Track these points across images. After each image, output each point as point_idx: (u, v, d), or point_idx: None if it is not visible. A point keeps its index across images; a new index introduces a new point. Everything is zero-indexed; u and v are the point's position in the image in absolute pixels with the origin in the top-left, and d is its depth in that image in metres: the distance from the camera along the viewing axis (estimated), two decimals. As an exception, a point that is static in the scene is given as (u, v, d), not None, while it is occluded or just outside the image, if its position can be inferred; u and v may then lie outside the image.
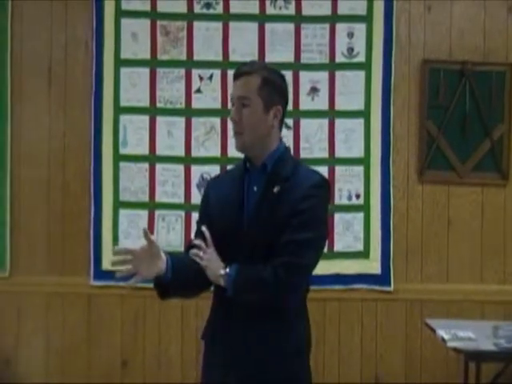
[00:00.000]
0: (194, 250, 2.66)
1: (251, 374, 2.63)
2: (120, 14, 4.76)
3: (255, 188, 2.72)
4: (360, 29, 4.74)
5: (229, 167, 3.01)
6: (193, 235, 2.89)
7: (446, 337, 3.88)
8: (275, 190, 2.66)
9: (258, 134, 2.70)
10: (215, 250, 2.66)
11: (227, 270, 2.61)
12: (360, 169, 4.73)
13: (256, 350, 2.62)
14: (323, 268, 4.58)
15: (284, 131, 4.59)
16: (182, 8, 4.75)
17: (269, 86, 2.69)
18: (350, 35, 4.74)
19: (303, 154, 4.70)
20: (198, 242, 2.67)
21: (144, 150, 4.76)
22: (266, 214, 2.64)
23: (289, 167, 2.72)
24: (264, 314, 2.61)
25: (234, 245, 2.66)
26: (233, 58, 4.71)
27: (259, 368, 2.63)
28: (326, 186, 2.74)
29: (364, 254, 4.71)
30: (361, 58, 4.74)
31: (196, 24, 4.77)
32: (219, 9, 4.76)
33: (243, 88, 2.69)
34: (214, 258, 2.65)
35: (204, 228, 2.68)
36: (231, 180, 2.81)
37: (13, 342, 4.75)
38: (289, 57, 4.73)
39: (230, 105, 2.79)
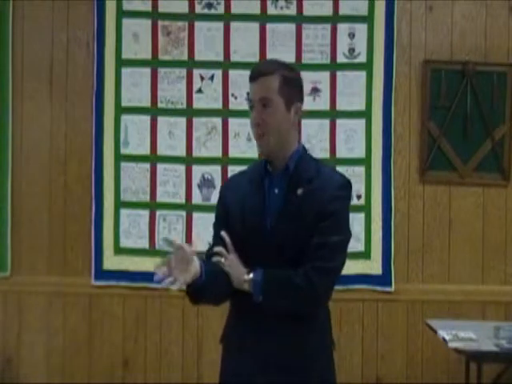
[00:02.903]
0: (216, 257, 2.63)
1: (281, 379, 2.59)
2: (121, 14, 4.77)
3: (276, 190, 2.67)
4: (361, 29, 4.74)
5: (240, 169, 2.93)
6: (211, 239, 2.80)
7: (447, 337, 3.88)
8: (299, 192, 2.62)
9: (282, 134, 2.65)
10: (237, 255, 2.63)
11: (251, 275, 2.57)
12: (361, 169, 4.73)
13: (288, 356, 2.59)
14: (324, 268, 4.67)
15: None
16: (184, 8, 4.76)
17: (289, 85, 2.65)
18: (352, 35, 4.74)
19: (304, 155, 4.70)
20: (218, 248, 2.64)
21: (145, 150, 4.76)
22: (292, 216, 2.60)
23: (311, 168, 2.68)
24: (292, 317, 2.58)
25: (258, 249, 2.62)
26: (234, 58, 4.71)
27: (289, 372, 2.60)
28: (349, 187, 2.69)
29: (365, 254, 4.71)
30: (362, 59, 4.74)
31: (197, 24, 4.77)
32: (220, 9, 4.76)
33: (263, 89, 2.63)
34: (236, 263, 2.62)
35: (223, 233, 2.65)
36: (249, 182, 2.76)
37: (14, 341, 4.76)
38: (290, 57, 4.71)
39: (248, 108, 2.72)
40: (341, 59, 4.75)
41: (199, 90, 4.76)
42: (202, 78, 4.74)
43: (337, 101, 4.74)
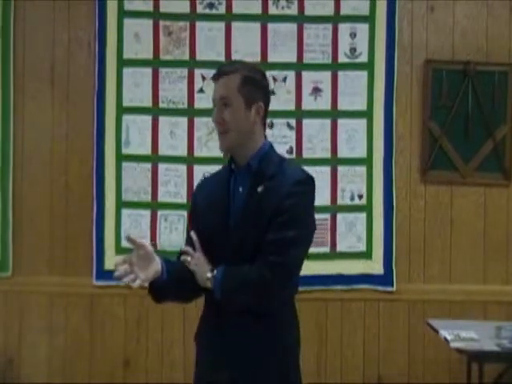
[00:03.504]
0: (183, 256, 2.70)
1: (241, 373, 2.63)
2: (122, 14, 4.76)
3: (241, 189, 2.71)
4: (363, 29, 4.74)
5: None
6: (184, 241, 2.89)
7: (448, 337, 3.88)
8: (259, 189, 2.65)
9: (243, 132, 2.69)
10: (203, 254, 2.68)
11: (214, 272, 2.62)
12: (363, 169, 4.73)
13: (246, 350, 2.62)
14: (326, 268, 4.68)
15: (287, 131, 4.72)
16: (185, 8, 4.76)
17: (249, 84, 2.70)
18: (353, 35, 4.74)
19: (306, 154, 4.71)
20: (185, 248, 2.73)
21: (146, 149, 4.76)
22: (252, 214, 2.64)
23: (273, 165, 2.71)
24: (253, 313, 2.62)
25: (222, 247, 2.66)
26: (235, 57, 4.69)
27: (249, 367, 2.63)
28: (309, 183, 2.70)
29: (366, 254, 4.71)
30: (363, 59, 4.74)
31: (198, 24, 4.77)
32: (222, 9, 4.76)
33: (223, 88, 2.70)
34: (202, 262, 2.67)
35: (192, 233, 2.72)
36: (217, 182, 2.81)
37: (15, 341, 4.75)
38: (291, 57, 4.73)
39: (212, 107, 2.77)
40: (342, 59, 4.75)
41: (200, 90, 4.76)
42: (204, 78, 4.74)
43: (338, 101, 4.74)
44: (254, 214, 2.63)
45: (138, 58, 4.77)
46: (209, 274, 2.63)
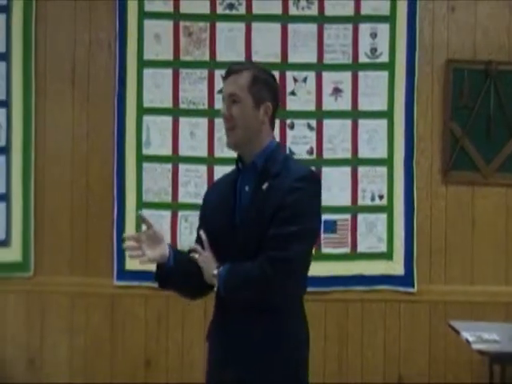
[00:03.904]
0: (192, 254, 2.77)
1: (246, 370, 2.65)
2: (143, 15, 4.78)
3: (247, 188, 2.75)
4: (383, 29, 4.73)
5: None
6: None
7: (470, 339, 3.86)
8: (264, 187, 2.68)
9: (250, 130, 2.73)
10: (211, 253, 2.74)
11: (220, 269, 2.67)
12: (383, 169, 4.71)
13: (250, 346, 2.64)
14: (346, 269, 4.67)
15: (307, 132, 4.71)
16: (205, 9, 4.76)
17: (258, 83, 2.74)
18: (373, 35, 4.73)
19: (326, 155, 4.71)
20: (194, 246, 2.79)
21: (167, 150, 4.77)
22: (256, 212, 2.66)
23: (278, 164, 2.73)
24: (257, 309, 2.63)
25: (228, 245, 2.70)
26: (255, 58, 4.69)
27: (254, 364, 2.64)
28: (311, 179, 2.73)
29: (387, 255, 4.70)
30: (384, 59, 4.73)
31: (219, 25, 4.77)
32: (242, 9, 4.76)
33: (233, 85, 2.74)
34: (209, 259, 2.72)
35: (201, 232, 2.79)
36: (226, 183, 2.86)
37: (37, 341, 4.78)
38: (312, 57, 4.73)
39: (221, 103, 2.82)
40: (363, 59, 4.73)
41: (221, 91, 4.72)
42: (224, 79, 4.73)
43: (359, 101, 4.73)
44: (259, 212, 2.65)
45: (159, 59, 4.78)
46: (215, 271, 2.68)
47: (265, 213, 2.63)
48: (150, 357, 4.75)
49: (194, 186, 4.75)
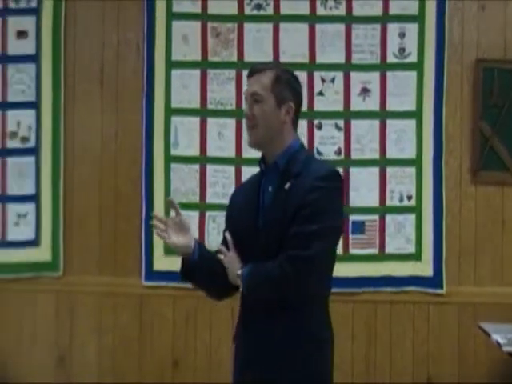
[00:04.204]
0: (218, 255, 2.81)
1: (269, 370, 2.66)
2: (171, 16, 4.79)
3: (270, 188, 2.76)
4: (412, 29, 4.70)
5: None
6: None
7: (501, 341, 3.82)
8: (286, 186, 2.69)
9: (271, 129, 2.75)
10: (236, 254, 2.77)
11: (243, 270, 2.70)
12: (412, 170, 4.68)
13: (272, 346, 2.66)
14: (375, 270, 4.65)
15: (335, 132, 4.70)
16: (233, 9, 4.76)
17: (281, 83, 2.76)
18: (402, 35, 4.70)
19: (354, 155, 4.69)
20: (220, 247, 2.83)
21: (195, 151, 4.78)
22: (278, 212, 2.68)
23: (300, 163, 2.74)
24: (280, 310, 2.64)
25: (252, 246, 2.72)
26: (283, 59, 4.69)
27: (275, 363, 2.66)
28: (333, 177, 2.73)
29: (416, 255, 4.66)
30: (413, 59, 4.70)
31: (246, 25, 4.77)
32: (269, 10, 4.75)
33: (256, 85, 2.77)
34: (234, 259, 2.76)
35: (227, 233, 2.83)
36: (251, 184, 2.89)
37: (66, 341, 4.81)
38: (340, 57, 4.71)
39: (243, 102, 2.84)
40: (391, 59, 4.71)
41: (247, 91, 4.76)
42: (251, 79, 4.73)
43: (387, 101, 4.71)
44: (281, 213, 2.67)
45: (187, 60, 4.79)
46: (239, 272, 2.70)
47: (287, 213, 2.65)
48: (177, 357, 4.77)
49: (222, 186, 4.75)
